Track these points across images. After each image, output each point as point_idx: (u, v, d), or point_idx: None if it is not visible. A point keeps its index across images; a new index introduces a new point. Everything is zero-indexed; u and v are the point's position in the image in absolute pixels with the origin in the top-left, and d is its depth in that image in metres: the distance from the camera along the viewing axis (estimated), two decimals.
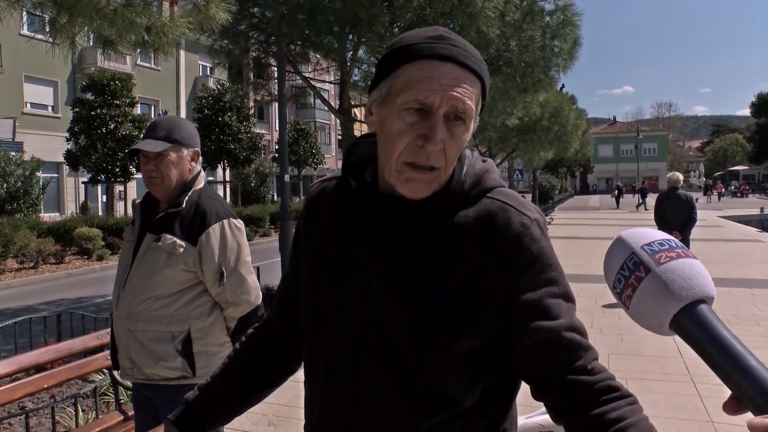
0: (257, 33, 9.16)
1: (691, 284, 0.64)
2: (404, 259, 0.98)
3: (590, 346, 0.97)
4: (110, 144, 20.43)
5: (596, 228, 21.04)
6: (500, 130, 19.37)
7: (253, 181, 33.07)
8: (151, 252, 2.12)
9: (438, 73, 0.92)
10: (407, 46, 0.95)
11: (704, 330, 0.62)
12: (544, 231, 0.99)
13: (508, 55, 9.37)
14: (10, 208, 17.69)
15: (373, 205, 1.02)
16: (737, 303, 7.86)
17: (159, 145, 2.12)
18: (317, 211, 1.13)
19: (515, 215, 0.97)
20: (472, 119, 0.97)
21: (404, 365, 0.96)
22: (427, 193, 0.97)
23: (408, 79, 0.94)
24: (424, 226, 0.98)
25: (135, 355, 2.13)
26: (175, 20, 4.77)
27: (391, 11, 7.50)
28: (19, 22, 5.40)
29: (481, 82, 0.97)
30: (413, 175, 0.95)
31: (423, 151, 0.93)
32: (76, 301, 10.16)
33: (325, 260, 1.07)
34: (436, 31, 0.97)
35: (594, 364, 0.95)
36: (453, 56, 0.94)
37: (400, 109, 0.94)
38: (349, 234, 1.04)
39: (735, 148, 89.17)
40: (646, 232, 0.72)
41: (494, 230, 0.96)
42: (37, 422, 4.01)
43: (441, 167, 0.95)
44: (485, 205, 0.98)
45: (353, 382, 1.00)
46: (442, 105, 0.92)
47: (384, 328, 0.97)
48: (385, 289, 0.98)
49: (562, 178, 64.39)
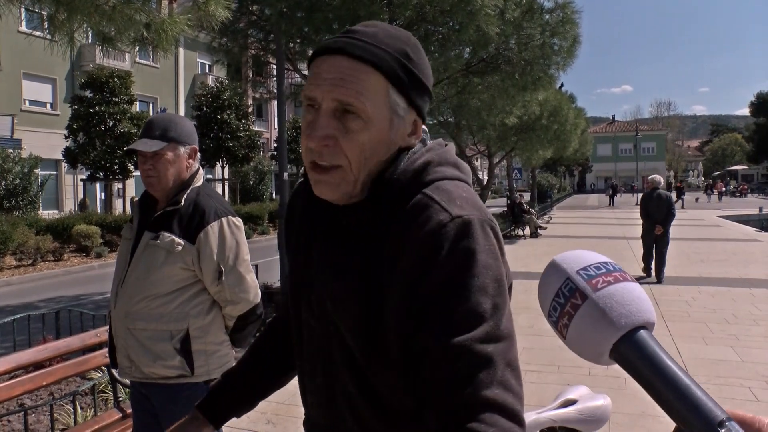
0: (256, 30, 9.14)
1: (630, 310, 0.61)
2: (343, 270, 0.93)
3: (479, 385, 0.79)
4: (109, 141, 20.43)
5: (594, 227, 21.05)
6: (499, 128, 19.33)
7: (252, 179, 33.04)
8: (150, 250, 2.11)
9: (324, 68, 0.90)
10: (317, 48, 0.94)
11: (645, 358, 0.59)
12: (471, 231, 0.86)
13: (508, 53, 9.35)
14: (9, 205, 17.68)
15: (323, 212, 0.99)
16: (736, 303, 7.87)
17: (155, 144, 2.11)
18: (293, 212, 1.12)
19: (435, 212, 0.88)
20: (368, 112, 0.89)
21: (364, 373, 0.95)
22: (338, 194, 0.92)
23: (308, 77, 0.93)
24: (358, 231, 0.94)
25: (133, 354, 2.12)
26: (175, 17, 4.76)
27: (391, 9, 7.49)
28: (18, 18, 5.38)
29: (381, 71, 0.90)
30: (317, 177, 0.91)
31: (310, 151, 0.90)
32: (74, 299, 10.15)
33: (293, 268, 1.08)
34: (353, 26, 0.95)
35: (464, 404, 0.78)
36: (342, 48, 0.89)
37: (303, 111, 0.94)
38: (308, 243, 1.03)
39: (734, 147, 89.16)
40: (582, 255, 0.67)
41: (414, 228, 0.88)
42: (35, 419, 4.00)
43: (343, 165, 0.90)
44: (415, 201, 0.91)
45: (328, 388, 1.01)
46: (325, 99, 0.89)
47: (342, 338, 0.96)
48: (332, 301, 0.95)
49: (560, 177, 64.40)
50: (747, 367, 5.14)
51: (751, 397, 4.43)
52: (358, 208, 0.94)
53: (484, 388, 0.79)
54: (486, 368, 0.80)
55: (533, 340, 5.72)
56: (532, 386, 4.44)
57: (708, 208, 35.18)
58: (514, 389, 0.81)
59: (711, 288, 8.99)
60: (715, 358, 5.41)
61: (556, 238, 17.45)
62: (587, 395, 1.43)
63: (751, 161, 73.21)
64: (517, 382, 0.82)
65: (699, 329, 6.49)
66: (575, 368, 4.98)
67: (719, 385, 4.70)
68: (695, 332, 6.36)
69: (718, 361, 5.31)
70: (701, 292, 8.70)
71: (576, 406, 1.38)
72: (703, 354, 5.56)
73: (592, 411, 1.38)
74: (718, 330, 6.43)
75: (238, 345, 2.28)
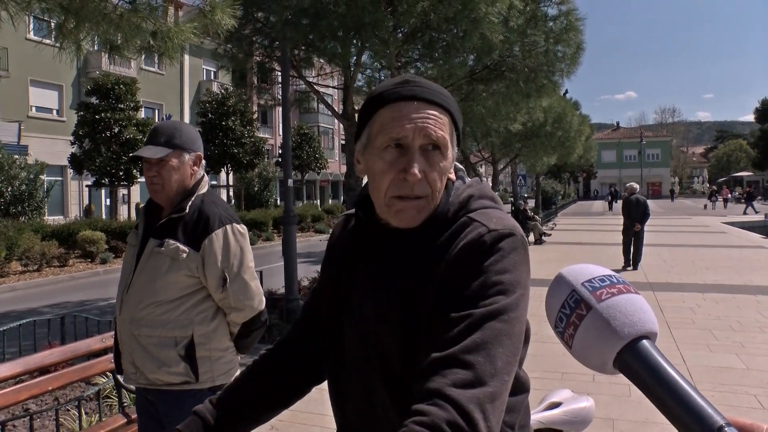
0: (261, 37, 9.19)
1: (633, 320, 0.63)
2: (391, 289, 1.04)
3: (481, 376, 0.86)
4: (114, 148, 20.51)
5: (599, 234, 21.00)
6: (503, 135, 19.38)
7: (257, 186, 33.10)
8: (155, 257, 2.12)
9: (406, 111, 1.03)
10: (378, 95, 1.06)
11: (647, 367, 0.61)
12: (510, 243, 1.00)
13: (512, 60, 9.38)
14: (15, 211, 17.74)
15: (371, 238, 1.12)
16: (741, 310, 7.83)
17: (160, 151, 2.13)
18: (339, 240, 1.25)
19: (476, 227, 1.02)
20: (448, 148, 1.05)
21: (405, 390, 0.99)
22: (418, 220, 1.05)
23: (382, 123, 1.04)
24: (410, 253, 1.05)
25: (138, 360, 2.13)
26: (181, 26, 4.79)
27: (395, 16, 7.52)
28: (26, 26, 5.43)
29: (448, 113, 1.06)
30: (401, 206, 1.04)
31: (406, 183, 1.02)
32: (79, 304, 10.18)
33: (338, 289, 1.17)
34: (402, 78, 1.08)
35: (467, 384, 0.85)
36: (416, 95, 1.04)
37: (380, 150, 1.04)
38: (353, 266, 1.14)
39: (739, 153, 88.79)
40: (587, 268, 0.70)
41: (457, 242, 1.02)
42: (40, 425, 4.02)
43: (427, 195, 1.04)
44: (459, 222, 1.05)
45: (366, 399, 1.09)
46: (416, 138, 1.02)
47: (384, 359, 1.05)
48: (377, 320, 1.05)
49: (565, 184, 64.26)
50: (752, 374, 5.11)
51: (757, 405, 4.40)
52: (412, 232, 1.06)
53: (466, 353, 0.87)
54: (487, 345, 0.89)
55: (537, 347, 5.69)
56: (536, 392, 4.40)
57: (712, 214, 35.06)
58: (491, 378, 0.87)
59: (716, 295, 8.94)
60: (720, 366, 5.38)
61: (560, 245, 17.41)
62: (571, 398, 1.49)
63: (756, 167, 72.83)
64: (505, 368, 0.89)
65: (704, 336, 6.46)
66: (579, 375, 4.97)
67: (724, 392, 4.67)
68: (700, 339, 6.33)
69: (723, 369, 5.28)
70: (706, 299, 8.66)
71: (561, 408, 1.44)
72: (707, 361, 5.53)
73: (576, 412, 1.44)
74: (723, 337, 6.40)
75: (243, 351, 2.29)
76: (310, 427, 3.96)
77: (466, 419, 0.81)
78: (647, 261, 12.75)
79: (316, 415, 4.00)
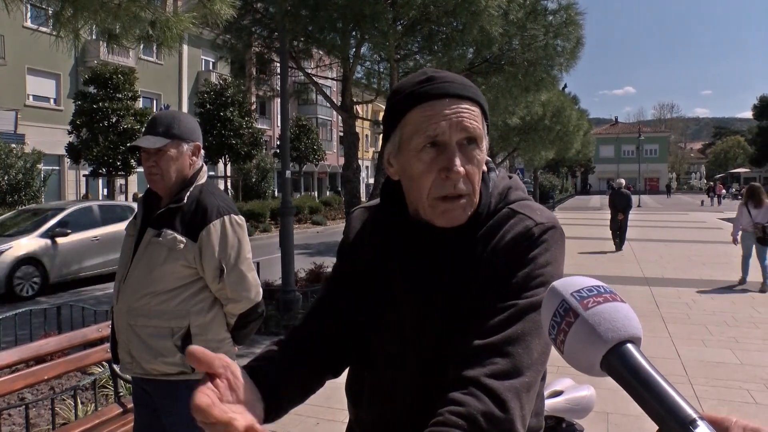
0: (260, 28, 9.16)
1: (617, 326, 0.68)
2: (436, 284, 1.04)
3: (519, 367, 0.90)
4: (112, 137, 20.42)
5: (595, 228, 21.01)
6: (502, 129, 19.35)
7: (254, 177, 33.04)
8: (152, 247, 2.12)
9: (439, 109, 1.01)
10: (406, 96, 1.04)
11: (629, 367, 0.66)
12: (553, 236, 1.04)
13: (511, 53, 9.36)
14: (11, 200, 17.67)
15: (408, 235, 1.10)
16: (736, 305, 7.87)
17: (158, 141, 2.12)
18: (359, 234, 1.21)
19: (522, 219, 1.04)
20: (483, 139, 1.05)
21: (433, 388, 0.98)
22: (464, 218, 1.04)
23: (415, 123, 1.02)
24: (454, 249, 1.06)
25: (134, 350, 2.13)
26: (179, 15, 4.77)
27: (395, 8, 7.49)
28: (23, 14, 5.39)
29: (478, 104, 1.05)
30: (446, 207, 1.03)
31: (449, 182, 1.01)
32: (75, 293, 10.18)
33: (370, 287, 1.13)
34: (424, 75, 1.06)
35: (505, 374, 0.89)
36: (447, 92, 1.02)
37: (417, 151, 1.02)
38: (389, 263, 1.11)
39: (736, 150, 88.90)
40: (577, 279, 0.75)
41: (504, 233, 1.03)
42: (36, 414, 4.02)
43: (470, 191, 1.03)
44: (502, 214, 1.06)
45: (389, 396, 1.08)
46: (453, 134, 1.01)
47: (420, 356, 1.05)
48: (418, 317, 1.05)
49: (563, 178, 64.33)
50: (746, 369, 5.14)
51: (750, 400, 4.43)
52: (456, 228, 1.05)
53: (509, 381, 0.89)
54: (526, 337, 0.93)
55: None
56: None
57: (710, 210, 35.13)
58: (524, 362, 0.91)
59: (711, 291, 8.99)
60: (715, 361, 5.41)
61: None
62: (572, 386, 1.52)
63: (753, 164, 72.94)
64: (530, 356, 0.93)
65: (699, 331, 6.49)
66: (574, 369, 4.99)
67: (718, 387, 4.70)
68: (695, 335, 6.36)
69: (718, 364, 5.32)
70: (701, 294, 8.71)
71: (563, 396, 1.47)
72: (702, 356, 5.56)
73: (578, 400, 1.47)
74: (718, 332, 6.44)
75: (240, 343, 2.30)
76: (305, 419, 4.01)
77: (503, 408, 0.85)
78: (643, 256, 12.78)
79: (317, 408, 4.07)
